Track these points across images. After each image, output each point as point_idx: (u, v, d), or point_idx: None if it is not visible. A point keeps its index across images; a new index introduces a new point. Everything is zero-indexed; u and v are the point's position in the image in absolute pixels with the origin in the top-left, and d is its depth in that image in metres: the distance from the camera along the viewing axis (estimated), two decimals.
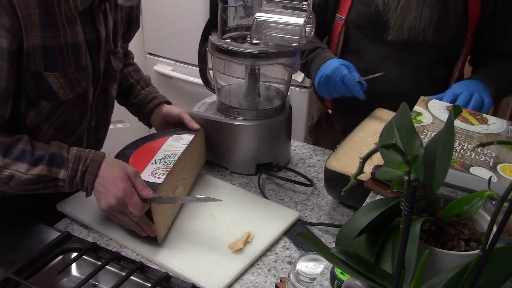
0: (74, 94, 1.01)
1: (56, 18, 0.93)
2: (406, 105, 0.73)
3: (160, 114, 1.25)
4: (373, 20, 1.32)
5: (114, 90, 1.17)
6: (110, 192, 0.94)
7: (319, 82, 1.30)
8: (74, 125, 1.07)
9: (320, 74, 1.29)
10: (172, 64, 2.49)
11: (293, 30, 1.12)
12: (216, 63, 1.23)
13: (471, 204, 0.60)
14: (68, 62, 0.97)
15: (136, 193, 0.94)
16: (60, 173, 0.95)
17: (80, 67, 1.00)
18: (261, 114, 1.23)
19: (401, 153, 0.52)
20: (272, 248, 1.02)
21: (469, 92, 1.20)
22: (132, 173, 0.96)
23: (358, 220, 0.62)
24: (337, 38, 1.41)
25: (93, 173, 0.96)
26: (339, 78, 1.25)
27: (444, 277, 0.53)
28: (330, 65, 1.28)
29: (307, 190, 1.21)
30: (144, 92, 1.28)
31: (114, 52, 1.11)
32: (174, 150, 1.11)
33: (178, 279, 0.91)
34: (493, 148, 0.87)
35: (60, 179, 0.95)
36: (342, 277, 0.67)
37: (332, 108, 1.53)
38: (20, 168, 0.93)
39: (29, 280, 0.89)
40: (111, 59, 1.10)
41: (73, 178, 0.96)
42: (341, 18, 1.38)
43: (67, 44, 0.96)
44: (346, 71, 1.25)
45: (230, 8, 1.18)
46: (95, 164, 0.96)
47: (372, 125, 1.25)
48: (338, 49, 1.41)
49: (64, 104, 1.01)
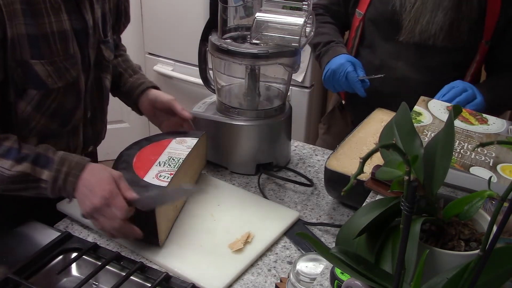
0: (64, 82, 1.01)
1: (40, 6, 0.93)
2: (406, 105, 0.73)
3: (148, 99, 1.24)
4: (389, 18, 1.34)
5: (108, 80, 1.18)
6: (94, 194, 0.93)
7: (325, 75, 1.35)
8: (67, 114, 1.07)
9: (327, 68, 1.34)
10: (172, 64, 2.49)
11: (293, 30, 1.12)
12: (216, 63, 1.23)
13: (471, 204, 0.60)
14: (55, 50, 0.98)
15: (121, 195, 0.94)
16: (44, 173, 0.94)
17: (68, 55, 1.00)
18: (261, 114, 1.23)
19: (401, 153, 0.52)
20: (272, 248, 1.02)
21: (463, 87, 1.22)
22: (116, 175, 0.96)
23: (358, 220, 0.62)
24: (354, 32, 1.44)
25: (76, 175, 0.95)
26: (343, 74, 1.29)
27: (444, 277, 0.53)
28: (337, 60, 1.32)
29: (307, 190, 1.21)
30: (132, 79, 1.27)
31: (104, 42, 1.11)
32: (178, 153, 1.11)
33: (178, 279, 0.91)
34: (493, 148, 0.87)
35: (43, 180, 0.94)
36: (342, 277, 0.67)
37: (345, 99, 1.57)
38: (4, 164, 0.93)
39: (29, 280, 0.89)
40: (102, 48, 1.11)
41: (55, 180, 0.94)
42: (360, 13, 1.41)
43: (53, 32, 0.96)
44: (350, 68, 1.29)
45: (230, 8, 1.18)
46: (79, 167, 0.95)
47: (372, 125, 1.25)
48: (355, 43, 1.44)
49: (54, 92, 1.01)
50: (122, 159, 1.08)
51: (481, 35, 1.31)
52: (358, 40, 1.43)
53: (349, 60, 1.31)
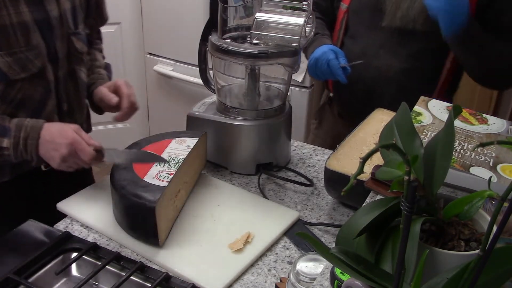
0: (28, 73, 1.03)
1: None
2: (406, 105, 0.73)
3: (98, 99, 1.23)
4: (371, 6, 1.38)
5: (83, 73, 1.19)
6: (59, 145, 0.99)
7: (309, 64, 1.40)
8: (37, 105, 1.08)
9: (311, 57, 1.39)
10: (172, 64, 2.49)
11: (293, 30, 1.12)
12: (216, 63, 1.23)
13: (471, 204, 0.60)
14: (15, 41, 0.99)
15: (84, 141, 1.00)
16: (4, 141, 0.99)
17: (31, 46, 1.01)
18: (261, 114, 1.23)
19: (401, 153, 0.52)
20: (272, 248, 1.02)
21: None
22: (75, 127, 1.02)
23: (358, 220, 0.62)
24: (339, 24, 1.48)
25: (35, 138, 1.00)
26: (325, 61, 1.35)
27: (444, 277, 0.53)
28: (320, 49, 1.38)
29: (307, 190, 1.21)
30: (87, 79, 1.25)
31: (75, 34, 1.12)
32: (178, 153, 1.11)
33: (178, 279, 0.91)
34: (493, 148, 0.87)
35: (5, 148, 1.00)
36: (342, 277, 0.67)
37: (333, 91, 1.60)
38: None
39: (29, 280, 0.89)
40: (73, 40, 1.12)
41: (16, 145, 1.00)
42: (344, 6, 1.46)
43: (12, 23, 0.97)
44: (332, 56, 1.34)
45: (230, 8, 1.18)
46: (35, 129, 1.00)
47: (372, 125, 1.25)
48: (340, 35, 1.49)
49: (18, 83, 1.03)
50: None
51: None
52: (343, 32, 1.48)
53: (332, 49, 1.37)
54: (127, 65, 2.68)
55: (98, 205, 1.10)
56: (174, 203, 1.06)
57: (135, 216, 0.99)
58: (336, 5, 1.50)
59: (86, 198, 1.13)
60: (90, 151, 1.01)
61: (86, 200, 1.12)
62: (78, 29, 1.13)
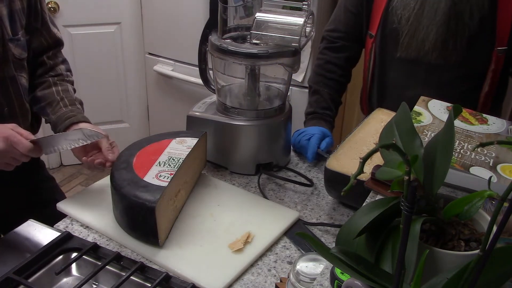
0: None
1: None
2: (406, 105, 0.74)
3: None
4: (392, 37, 1.34)
5: (23, 78, 1.18)
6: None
7: (296, 132, 1.38)
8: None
9: (303, 129, 1.38)
10: (172, 64, 2.49)
11: (293, 30, 1.12)
12: (216, 63, 1.23)
13: (471, 204, 0.60)
14: None
15: (20, 135, 0.99)
16: None
17: None
18: (261, 114, 1.23)
19: (401, 153, 0.52)
20: (272, 248, 1.02)
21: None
22: (11, 125, 1.01)
23: (358, 220, 0.62)
24: (368, 54, 1.44)
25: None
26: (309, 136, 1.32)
27: (444, 277, 0.53)
28: (313, 128, 1.37)
29: (307, 190, 1.21)
30: (65, 109, 1.20)
31: (12, 40, 1.11)
32: (178, 153, 1.11)
33: (178, 279, 0.91)
34: (493, 148, 0.87)
35: None
36: (342, 277, 0.67)
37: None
38: None
39: (29, 280, 0.89)
40: (10, 47, 1.11)
41: None
42: (371, 35, 1.40)
43: None
44: (318, 136, 1.31)
45: (230, 8, 1.18)
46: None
47: (372, 125, 1.25)
48: (370, 65, 1.45)
49: None
50: (122, 159, 1.08)
51: (492, 44, 1.27)
52: (373, 62, 1.44)
53: (322, 131, 1.34)
54: (127, 65, 2.69)
55: (98, 205, 1.10)
56: (174, 203, 1.06)
57: (135, 216, 0.99)
58: (365, 33, 1.44)
59: (86, 198, 1.13)
60: (27, 142, 1.00)
61: (86, 200, 1.12)
62: (17, 35, 1.12)
